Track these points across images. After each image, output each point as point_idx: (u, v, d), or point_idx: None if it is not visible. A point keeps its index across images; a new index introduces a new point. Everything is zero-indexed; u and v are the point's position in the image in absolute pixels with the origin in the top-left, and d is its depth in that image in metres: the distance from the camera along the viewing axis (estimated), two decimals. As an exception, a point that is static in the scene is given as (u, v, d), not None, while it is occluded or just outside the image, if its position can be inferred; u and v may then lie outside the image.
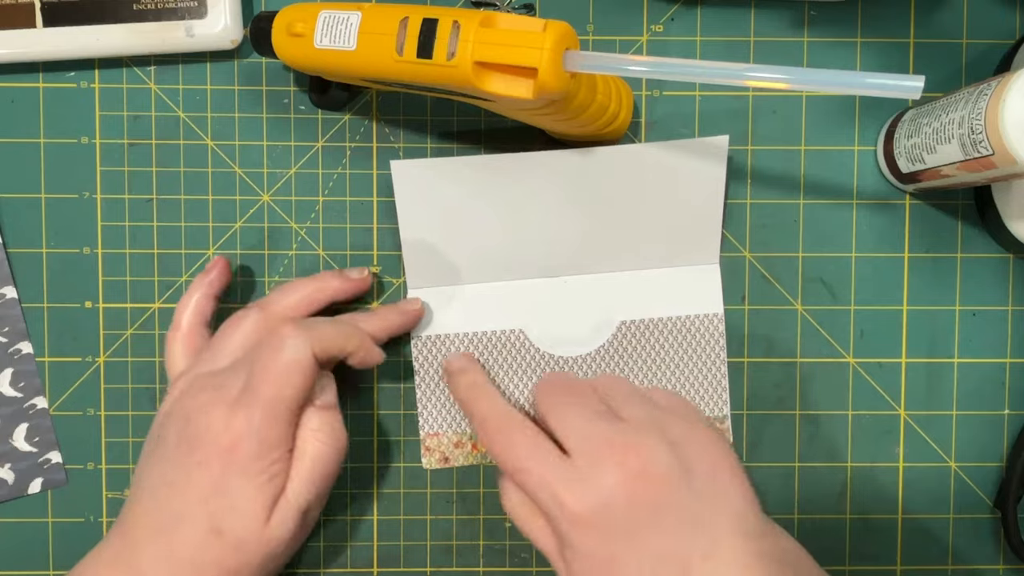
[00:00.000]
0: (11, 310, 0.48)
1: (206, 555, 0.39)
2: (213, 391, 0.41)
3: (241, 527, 0.39)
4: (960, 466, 0.49)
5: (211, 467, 0.39)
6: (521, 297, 0.48)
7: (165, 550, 0.39)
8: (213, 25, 0.47)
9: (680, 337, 0.48)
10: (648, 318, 0.48)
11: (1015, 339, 0.49)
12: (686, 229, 0.47)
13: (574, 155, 0.46)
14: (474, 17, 0.37)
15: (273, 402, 0.40)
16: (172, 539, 0.40)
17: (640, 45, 0.49)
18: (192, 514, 0.39)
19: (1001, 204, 0.46)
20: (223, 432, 0.40)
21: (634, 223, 0.47)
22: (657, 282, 0.48)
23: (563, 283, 0.48)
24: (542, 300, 0.48)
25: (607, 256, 0.47)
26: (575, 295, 0.48)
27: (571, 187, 0.46)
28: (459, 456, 0.49)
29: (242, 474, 0.39)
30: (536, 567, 0.49)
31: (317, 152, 0.49)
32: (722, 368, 0.48)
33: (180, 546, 0.39)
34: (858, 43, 0.49)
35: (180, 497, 0.40)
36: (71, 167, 0.48)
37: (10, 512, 0.49)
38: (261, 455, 0.39)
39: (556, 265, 0.48)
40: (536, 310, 0.48)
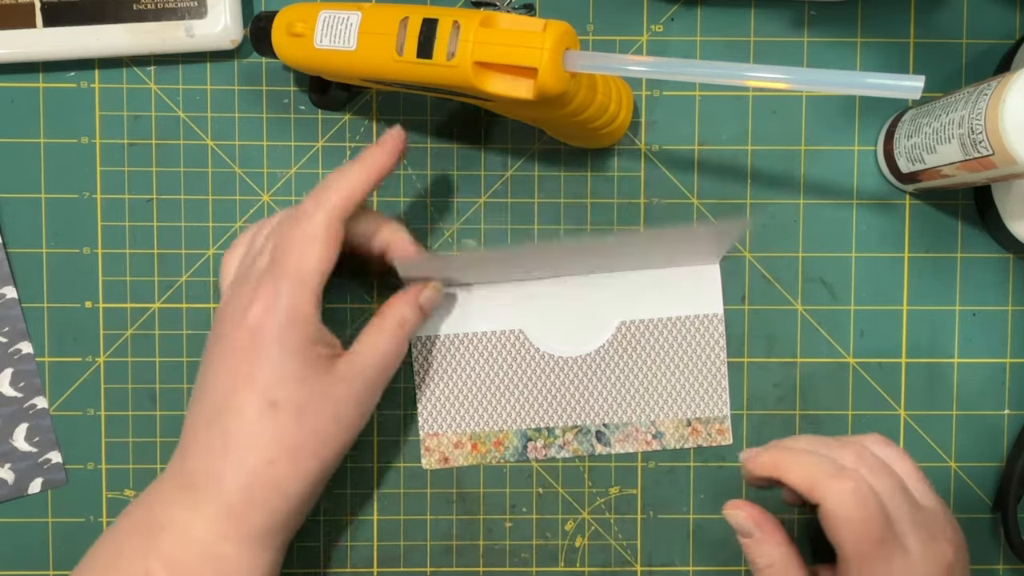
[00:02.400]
0: (11, 310, 0.48)
1: (265, 434, 0.39)
2: (242, 279, 0.41)
3: (296, 392, 0.39)
4: (960, 466, 0.49)
5: (243, 345, 0.40)
6: (521, 297, 0.48)
7: (219, 442, 0.40)
8: (213, 25, 0.47)
9: (680, 337, 0.48)
10: (648, 318, 0.48)
11: (1015, 339, 0.49)
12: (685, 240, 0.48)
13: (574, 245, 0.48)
14: (474, 17, 0.37)
15: (296, 272, 0.40)
16: (225, 428, 0.40)
17: (640, 45, 0.49)
18: (239, 397, 0.39)
19: (1001, 204, 0.46)
20: (248, 308, 0.40)
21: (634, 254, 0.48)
22: (657, 282, 0.48)
23: (563, 283, 0.48)
24: (542, 300, 0.48)
25: (607, 257, 0.47)
26: (575, 295, 0.48)
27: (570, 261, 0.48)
28: (459, 456, 0.49)
29: (278, 345, 0.39)
30: (536, 567, 0.49)
31: (317, 152, 0.49)
32: (722, 368, 0.48)
33: (234, 434, 0.39)
34: (858, 43, 0.49)
35: (223, 386, 0.40)
36: (71, 167, 0.48)
37: (10, 512, 0.49)
38: (294, 325, 0.39)
39: (556, 265, 0.48)
40: (536, 310, 0.48)
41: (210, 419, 0.40)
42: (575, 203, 0.49)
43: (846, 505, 0.38)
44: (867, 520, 0.38)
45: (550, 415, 0.48)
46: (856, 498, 0.38)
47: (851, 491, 0.38)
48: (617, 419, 0.48)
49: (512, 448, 0.49)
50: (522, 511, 0.49)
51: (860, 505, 0.38)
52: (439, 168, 0.49)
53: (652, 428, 0.48)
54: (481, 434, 0.49)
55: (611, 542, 0.49)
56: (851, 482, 0.38)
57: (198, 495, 0.40)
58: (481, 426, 0.49)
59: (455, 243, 0.49)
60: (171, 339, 0.49)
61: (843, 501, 0.38)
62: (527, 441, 0.49)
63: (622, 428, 0.48)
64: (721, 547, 0.49)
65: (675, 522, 0.49)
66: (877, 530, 0.38)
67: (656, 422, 0.48)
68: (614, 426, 0.48)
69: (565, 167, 0.49)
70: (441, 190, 0.49)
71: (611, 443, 0.48)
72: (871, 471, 0.40)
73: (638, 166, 0.49)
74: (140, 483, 0.49)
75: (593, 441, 0.48)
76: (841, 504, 0.38)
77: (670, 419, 0.48)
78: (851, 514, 0.38)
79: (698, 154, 0.49)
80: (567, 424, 0.48)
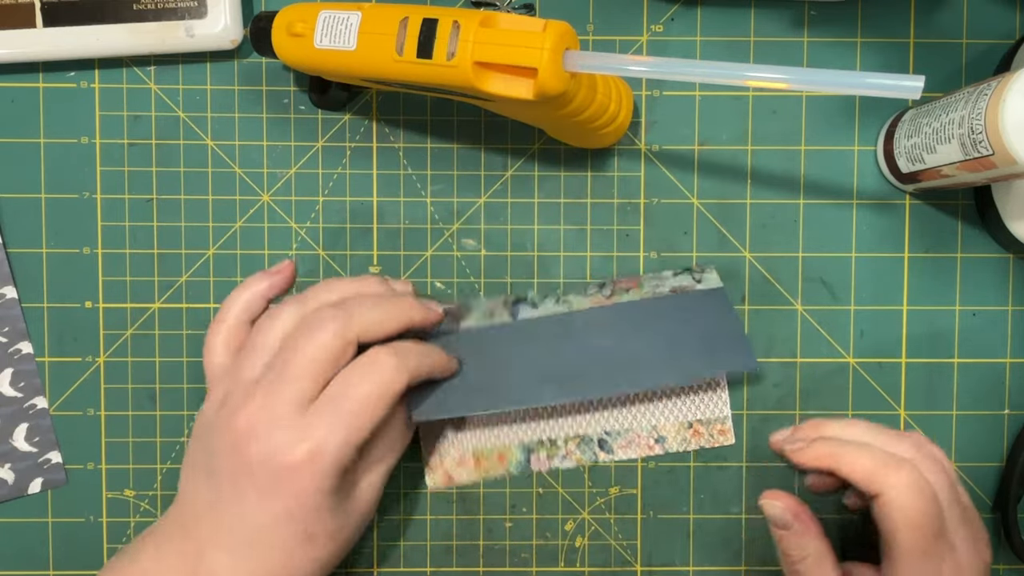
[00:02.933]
0: (11, 310, 0.48)
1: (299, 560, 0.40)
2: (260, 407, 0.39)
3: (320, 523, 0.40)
4: (960, 466, 0.49)
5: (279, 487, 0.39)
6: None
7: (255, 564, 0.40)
8: (213, 25, 0.47)
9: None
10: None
11: (1015, 339, 0.49)
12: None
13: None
14: (474, 17, 0.37)
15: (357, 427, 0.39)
16: (261, 551, 0.39)
17: (640, 45, 0.49)
18: (276, 532, 0.39)
19: (1001, 204, 0.46)
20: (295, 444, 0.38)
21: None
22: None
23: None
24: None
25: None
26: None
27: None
28: (463, 473, 0.48)
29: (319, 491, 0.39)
30: (536, 567, 0.49)
31: (317, 152, 0.49)
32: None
33: (271, 556, 0.39)
34: (858, 43, 0.49)
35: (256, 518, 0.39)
36: (71, 167, 0.48)
37: (10, 512, 0.49)
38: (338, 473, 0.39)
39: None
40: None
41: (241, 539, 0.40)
42: (575, 203, 0.49)
43: (907, 496, 0.38)
44: (926, 513, 0.38)
45: (551, 426, 0.48)
46: (916, 490, 0.38)
47: (912, 483, 0.38)
48: (618, 425, 0.48)
49: (516, 461, 0.48)
50: (522, 511, 0.49)
51: (920, 497, 0.38)
52: (439, 168, 0.49)
53: (654, 432, 0.48)
54: (484, 449, 0.48)
55: (611, 542, 0.49)
56: (912, 474, 0.38)
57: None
58: (483, 441, 0.48)
59: (455, 243, 0.49)
60: (171, 339, 0.49)
61: (904, 492, 0.38)
62: (530, 453, 0.48)
63: (624, 434, 0.48)
64: (721, 547, 0.49)
65: (675, 522, 0.49)
66: (934, 523, 0.38)
67: (658, 426, 0.48)
68: (616, 433, 0.48)
69: (565, 167, 0.49)
70: (441, 190, 0.49)
71: (614, 450, 0.48)
72: (927, 465, 0.40)
73: (638, 166, 0.49)
74: (140, 483, 0.49)
75: (596, 449, 0.48)
76: (901, 495, 0.38)
77: (671, 422, 0.48)
78: (912, 505, 0.38)
79: (698, 154, 0.49)
80: (569, 434, 0.48)
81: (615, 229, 0.49)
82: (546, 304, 0.47)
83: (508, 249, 0.49)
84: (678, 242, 0.49)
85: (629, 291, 0.47)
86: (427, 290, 0.49)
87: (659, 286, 0.47)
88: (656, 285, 0.47)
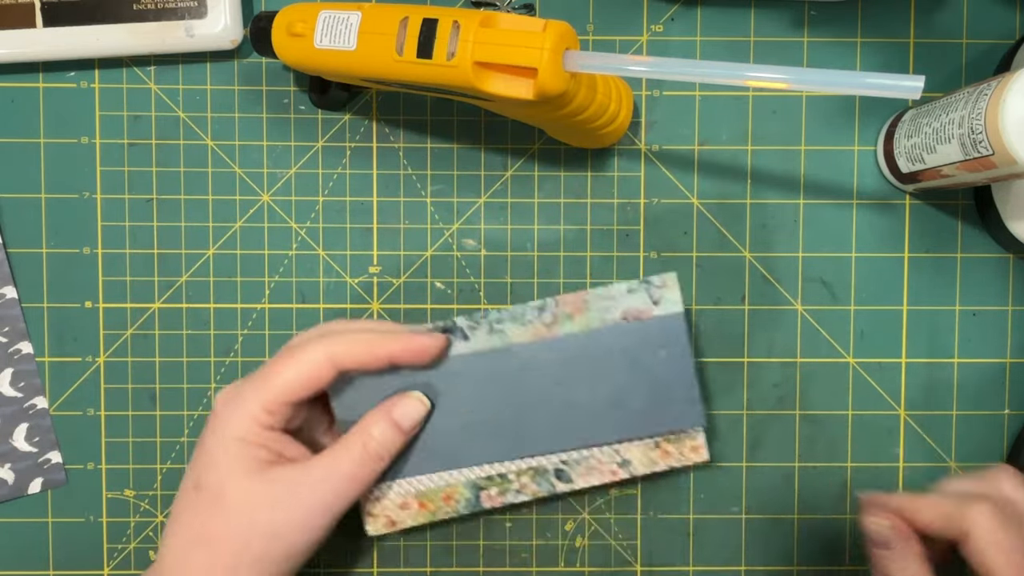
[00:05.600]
0: (11, 310, 0.48)
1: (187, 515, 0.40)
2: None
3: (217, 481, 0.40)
4: (960, 466, 0.49)
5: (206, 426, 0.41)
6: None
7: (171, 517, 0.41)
8: (213, 25, 0.47)
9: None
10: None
11: (1015, 339, 0.49)
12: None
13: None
14: (474, 17, 0.37)
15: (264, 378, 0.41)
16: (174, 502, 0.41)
17: (640, 45, 0.49)
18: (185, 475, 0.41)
19: (1001, 204, 0.46)
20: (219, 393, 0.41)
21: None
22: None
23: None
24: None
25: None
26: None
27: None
28: (406, 517, 0.44)
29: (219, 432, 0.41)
30: (536, 567, 0.49)
31: (317, 152, 0.49)
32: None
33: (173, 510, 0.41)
34: (858, 43, 0.49)
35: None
36: (71, 167, 0.48)
37: (10, 512, 0.49)
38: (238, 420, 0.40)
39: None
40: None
41: (177, 492, 0.42)
42: (575, 203, 0.49)
43: (991, 527, 0.38)
44: (1017, 538, 0.38)
45: (502, 465, 0.44)
46: (999, 519, 0.38)
47: (992, 513, 0.38)
48: (576, 453, 0.43)
49: (464, 501, 0.44)
50: (522, 511, 0.49)
51: (1005, 525, 0.38)
52: (439, 168, 0.49)
53: (616, 456, 0.44)
54: (427, 491, 0.44)
55: (611, 542, 0.49)
56: (989, 503, 0.38)
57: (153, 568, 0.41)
58: (426, 483, 0.44)
59: (455, 243, 0.49)
60: (171, 339, 0.49)
61: (987, 524, 0.38)
62: (479, 491, 0.44)
63: (583, 462, 0.43)
64: (721, 547, 0.49)
65: (675, 522, 0.49)
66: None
67: (620, 449, 0.43)
68: (574, 461, 0.43)
69: (565, 167, 0.49)
70: (441, 190, 0.49)
71: (573, 479, 0.44)
72: (1000, 498, 0.40)
73: (638, 166, 0.49)
74: (140, 483, 0.49)
75: (553, 480, 0.44)
76: (986, 527, 0.38)
77: (635, 443, 0.44)
78: (999, 535, 0.38)
79: (698, 154, 0.49)
80: (521, 467, 0.43)
81: (615, 229, 0.49)
82: (478, 336, 0.42)
83: (508, 249, 0.49)
84: (678, 242, 0.49)
85: (573, 317, 0.42)
86: (427, 290, 0.49)
87: (609, 309, 0.42)
88: (605, 308, 0.42)
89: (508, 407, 0.43)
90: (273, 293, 0.49)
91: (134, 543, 0.49)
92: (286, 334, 0.49)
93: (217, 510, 0.39)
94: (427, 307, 0.49)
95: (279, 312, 0.49)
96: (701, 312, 0.49)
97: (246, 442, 0.40)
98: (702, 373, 0.49)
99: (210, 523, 0.40)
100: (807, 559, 0.49)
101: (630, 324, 0.41)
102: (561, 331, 0.42)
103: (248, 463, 0.40)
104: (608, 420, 0.43)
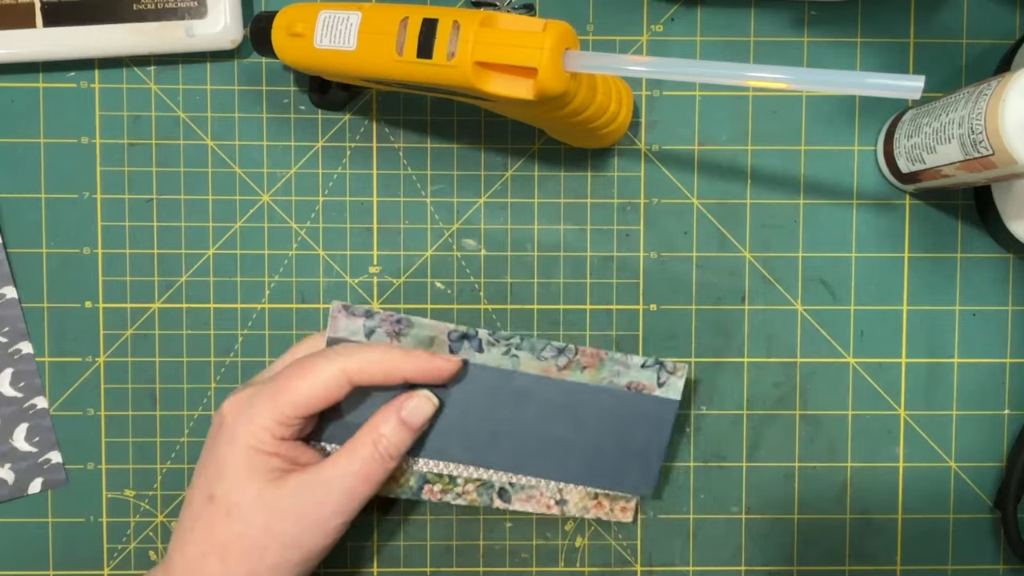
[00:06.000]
0: (11, 310, 0.48)
1: (198, 525, 0.40)
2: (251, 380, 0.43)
3: (232, 491, 0.40)
4: (960, 466, 0.49)
5: (212, 433, 0.41)
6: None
7: (180, 524, 0.42)
8: (213, 25, 0.47)
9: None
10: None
11: (1015, 339, 0.49)
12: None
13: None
14: (474, 17, 0.37)
15: (276, 388, 0.41)
16: (183, 512, 0.42)
17: (640, 45, 0.49)
18: (193, 483, 0.41)
19: (1001, 204, 0.46)
20: (226, 400, 0.41)
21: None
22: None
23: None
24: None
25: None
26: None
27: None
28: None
29: (230, 441, 0.40)
30: (536, 567, 0.49)
31: (317, 152, 0.49)
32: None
33: (183, 519, 0.41)
34: (858, 43, 0.49)
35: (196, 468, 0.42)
36: (71, 167, 0.48)
37: (10, 512, 0.49)
38: (250, 428, 0.40)
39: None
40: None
41: (184, 500, 0.42)
42: (575, 203, 0.49)
43: None
44: None
45: (455, 467, 0.45)
46: None
47: None
48: (524, 480, 0.45)
49: (408, 487, 0.45)
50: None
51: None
52: (439, 168, 0.49)
53: (558, 494, 0.46)
54: None
55: (611, 542, 0.49)
56: None
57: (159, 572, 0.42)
58: None
59: (455, 243, 0.49)
60: (171, 339, 0.49)
61: None
62: (424, 483, 0.45)
63: (527, 489, 0.45)
64: (721, 547, 0.49)
65: (675, 522, 0.49)
66: None
67: (563, 489, 0.46)
68: (519, 486, 0.45)
69: (565, 167, 0.49)
70: (441, 190, 0.49)
71: (511, 500, 0.46)
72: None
73: (638, 166, 0.49)
74: (140, 483, 0.49)
75: (494, 495, 0.45)
76: None
77: (578, 489, 0.46)
78: None
79: (698, 154, 0.49)
80: (471, 475, 0.45)
81: (615, 229, 0.49)
82: (492, 352, 0.43)
83: (508, 249, 0.49)
84: (678, 242, 0.49)
85: (585, 370, 0.43)
86: (427, 290, 0.49)
87: (619, 374, 0.43)
88: (617, 372, 0.43)
89: (488, 421, 0.44)
90: (273, 293, 0.49)
91: (134, 543, 0.49)
92: (286, 334, 0.49)
93: (232, 520, 0.40)
94: (427, 307, 0.49)
95: (279, 312, 0.49)
96: (701, 312, 0.49)
97: (260, 452, 0.40)
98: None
99: (225, 533, 0.40)
100: (807, 559, 0.49)
101: (630, 393, 0.43)
102: (569, 376, 0.43)
103: (262, 473, 0.40)
104: (572, 464, 0.45)
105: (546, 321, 0.49)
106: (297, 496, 0.40)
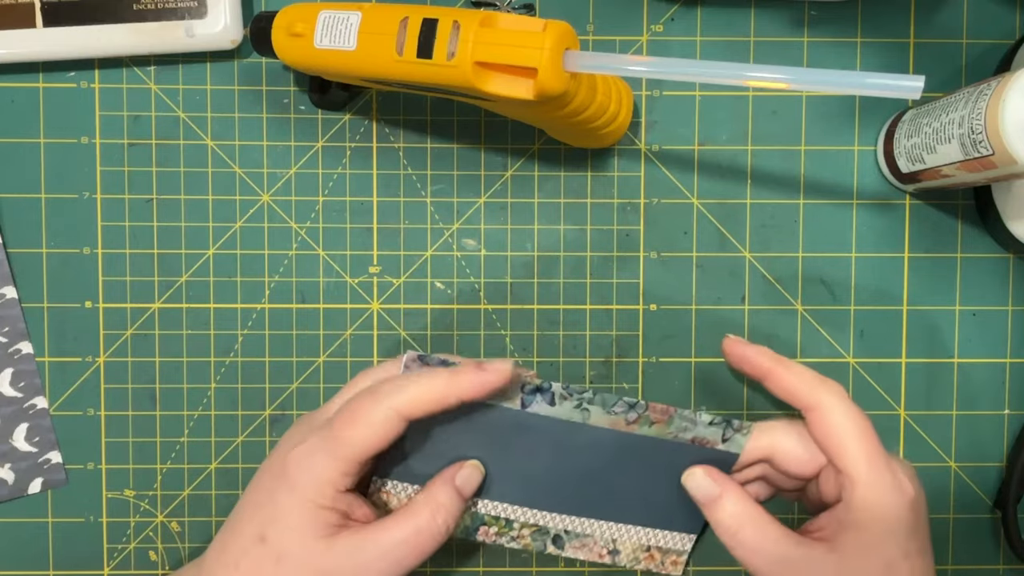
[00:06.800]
0: (11, 310, 0.48)
1: (246, 563, 0.39)
2: (311, 417, 0.42)
3: (283, 538, 0.39)
4: (960, 466, 0.49)
5: (273, 472, 0.40)
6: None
7: (223, 555, 0.40)
8: (213, 25, 0.47)
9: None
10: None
11: (1015, 339, 0.49)
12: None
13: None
14: (474, 17, 0.37)
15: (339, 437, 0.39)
16: (225, 543, 0.40)
17: (640, 45, 0.49)
18: (243, 517, 0.40)
19: (1001, 204, 0.46)
20: (296, 445, 0.40)
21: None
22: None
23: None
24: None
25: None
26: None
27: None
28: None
29: (291, 489, 0.39)
30: (536, 567, 0.49)
31: (317, 152, 0.49)
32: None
33: (230, 551, 0.40)
34: (858, 43, 0.49)
35: (245, 500, 0.41)
36: (71, 167, 0.48)
37: (10, 512, 0.49)
38: (312, 478, 0.39)
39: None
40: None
41: (228, 527, 0.41)
42: (575, 203, 0.49)
43: (847, 404, 0.38)
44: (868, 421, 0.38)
45: (514, 507, 0.44)
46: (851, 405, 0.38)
47: (846, 396, 0.38)
48: (580, 528, 0.45)
49: (463, 526, 0.44)
50: (522, 511, 0.49)
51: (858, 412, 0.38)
52: (439, 168, 0.49)
53: (611, 544, 0.45)
54: None
55: (611, 542, 0.49)
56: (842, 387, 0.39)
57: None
58: None
59: (455, 243, 0.49)
60: (171, 339, 0.49)
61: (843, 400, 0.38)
62: (481, 524, 0.44)
63: (580, 537, 0.45)
64: (721, 546, 0.49)
65: (675, 522, 0.49)
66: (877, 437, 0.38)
67: (617, 540, 0.45)
68: (574, 534, 0.45)
69: (565, 167, 0.49)
70: (441, 190, 0.49)
71: (565, 548, 0.45)
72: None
73: (638, 166, 0.49)
74: (140, 483, 0.49)
75: (548, 541, 0.45)
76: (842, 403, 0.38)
77: (631, 540, 0.46)
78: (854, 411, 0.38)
79: (698, 154, 0.49)
80: (528, 520, 0.44)
81: (615, 229, 0.49)
82: (564, 406, 0.42)
83: (508, 249, 0.49)
84: (678, 242, 0.49)
85: (654, 425, 0.43)
86: (427, 290, 0.49)
87: (686, 429, 0.43)
88: (683, 428, 0.43)
89: (553, 470, 0.44)
90: (273, 293, 0.49)
91: (134, 543, 0.49)
92: (286, 334, 0.49)
93: (280, 568, 0.39)
94: (427, 307, 0.49)
95: (279, 312, 0.49)
96: (701, 312, 0.49)
97: (320, 506, 0.39)
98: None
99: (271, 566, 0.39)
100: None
101: (694, 447, 0.43)
102: (638, 431, 0.43)
103: (319, 528, 0.40)
104: (629, 508, 0.45)
105: (546, 321, 0.49)
106: (349, 557, 0.39)
